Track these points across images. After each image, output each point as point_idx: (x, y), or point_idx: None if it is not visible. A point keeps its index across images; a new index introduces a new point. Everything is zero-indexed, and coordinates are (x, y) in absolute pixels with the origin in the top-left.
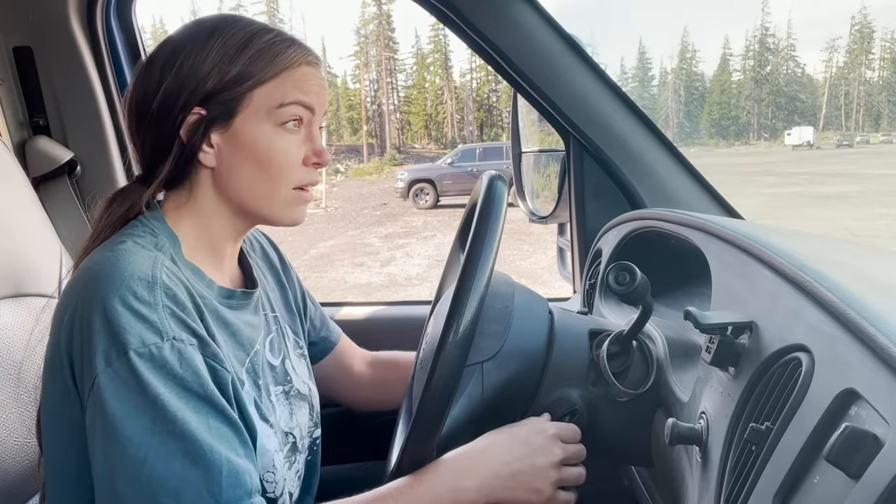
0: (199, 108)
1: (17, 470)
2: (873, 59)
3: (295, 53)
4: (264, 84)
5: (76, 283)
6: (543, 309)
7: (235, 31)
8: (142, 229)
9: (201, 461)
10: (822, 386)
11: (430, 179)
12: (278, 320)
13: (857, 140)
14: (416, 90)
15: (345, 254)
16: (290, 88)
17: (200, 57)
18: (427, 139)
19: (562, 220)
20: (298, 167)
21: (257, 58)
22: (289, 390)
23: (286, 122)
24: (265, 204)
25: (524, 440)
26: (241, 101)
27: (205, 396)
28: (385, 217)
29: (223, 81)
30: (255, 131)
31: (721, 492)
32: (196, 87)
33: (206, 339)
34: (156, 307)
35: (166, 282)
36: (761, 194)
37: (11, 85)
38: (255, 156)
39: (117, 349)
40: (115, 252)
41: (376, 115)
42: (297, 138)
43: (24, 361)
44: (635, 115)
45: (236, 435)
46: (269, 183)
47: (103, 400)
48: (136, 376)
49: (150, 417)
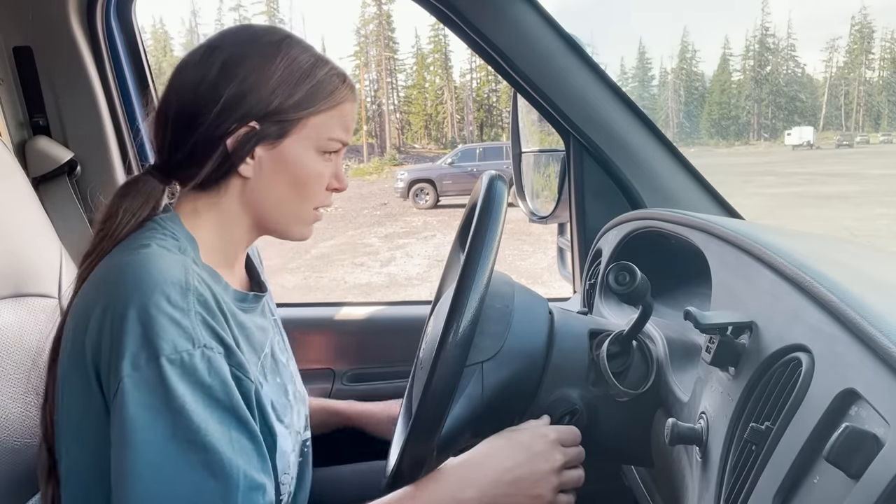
0: (255, 123)
1: (17, 470)
2: (873, 59)
3: (345, 90)
4: (319, 114)
5: (103, 283)
6: (543, 309)
7: (300, 55)
8: (161, 232)
9: (220, 474)
10: (822, 386)
11: (430, 179)
12: (277, 323)
13: (857, 140)
14: (416, 90)
15: (345, 254)
16: (337, 123)
17: (266, 74)
18: (427, 139)
19: (562, 220)
20: (322, 191)
21: (319, 87)
22: (294, 391)
23: (326, 152)
24: (289, 220)
25: (525, 446)
26: (295, 125)
27: (230, 407)
28: (385, 217)
29: (285, 104)
30: (302, 155)
31: (721, 492)
32: (257, 103)
33: (233, 348)
34: (188, 313)
35: (198, 287)
36: (761, 194)
37: (11, 85)
38: (295, 177)
39: (148, 354)
40: (143, 255)
41: (376, 115)
42: (329, 165)
43: (25, 362)
44: (635, 115)
45: (256, 449)
46: (299, 203)
47: (126, 404)
48: (164, 383)
49: (172, 425)
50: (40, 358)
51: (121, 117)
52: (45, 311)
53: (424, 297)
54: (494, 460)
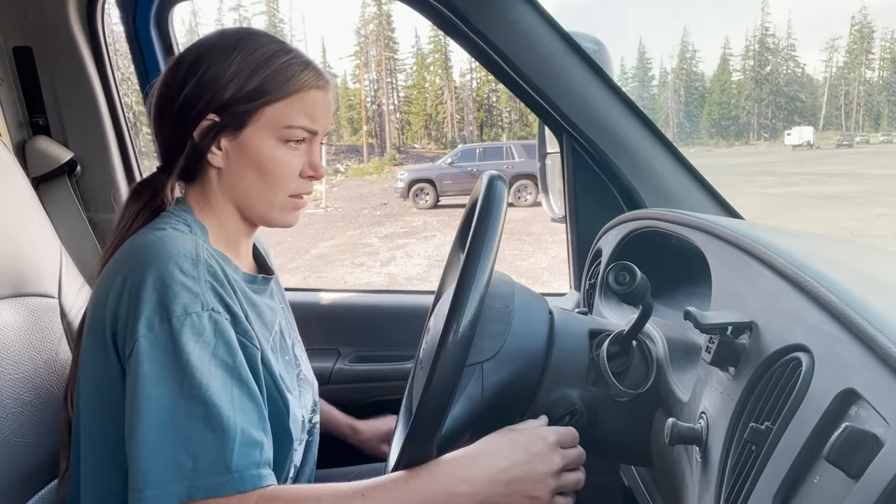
0: (214, 115)
1: (17, 469)
2: (873, 59)
3: (308, 77)
4: (276, 102)
5: (123, 261)
6: (543, 309)
7: (258, 48)
8: (175, 219)
9: (218, 428)
10: (822, 386)
11: (430, 179)
12: (285, 311)
13: (857, 140)
14: (416, 90)
15: (345, 254)
16: (298, 111)
17: (222, 68)
18: (427, 139)
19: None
20: (295, 178)
21: (273, 77)
22: (298, 374)
23: (290, 141)
24: (263, 207)
25: (523, 447)
26: (252, 115)
27: (233, 367)
28: (385, 217)
29: (239, 94)
30: (261, 144)
31: (721, 492)
32: (214, 95)
33: (239, 316)
34: (199, 280)
35: (207, 259)
36: (761, 194)
37: (11, 85)
38: (258, 165)
39: (161, 316)
40: (159, 235)
41: (376, 115)
42: (297, 153)
43: (25, 361)
44: (635, 116)
45: (256, 409)
46: (268, 190)
47: (140, 362)
48: (174, 340)
49: (180, 380)
50: (40, 358)
51: (121, 117)
52: (45, 311)
53: None
54: (492, 458)
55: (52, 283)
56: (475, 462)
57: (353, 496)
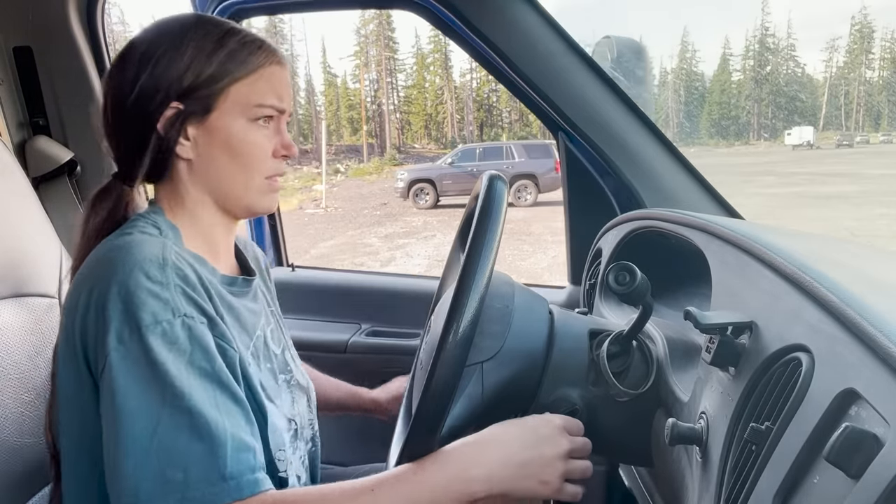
0: (177, 103)
1: (17, 469)
2: (873, 59)
3: (265, 53)
4: (239, 81)
5: (88, 272)
6: (543, 309)
7: (210, 29)
8: (144, 222)
9: (206, 436)
10: (822, 386)
11: (430, 179)
12: (276, 314)
13: (857, 140)
14: (416, 90)
15: (345, 254)
16: (264, 89)
17: (177, 53)
18: (427, 139)
19: None
20: (268, 158)
21: (232, 56)
22: (289, 379)
23: (258, 119)
24: (240, 192)
25: (532, 430)
26: (218, 97)
27: (213, 373)
28: (385, 217)
29: (201, 78)
30: (231, 125)
31: (721, 492)
32: (173, 83)
33: (216, 319)
34: (167, 286)
35: (176, 262)
36: (761, 194)
37: (11, 85)
38: (231, 148)
39: (130, 327)
40: (124, 241)
41: (376, 115)
42: (267, 132)
43: (24, 361)
44: (635, 115)
45: (242, 413)
46: (243, 173)
47: (113, 377)
48: (146, 352)
49: (160, 392)
50: (40, 358)
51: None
52: (45, 311)
53: None
54: (502, 442)
55: (52, 283)
56: (486, 446)
57: (362, 492)
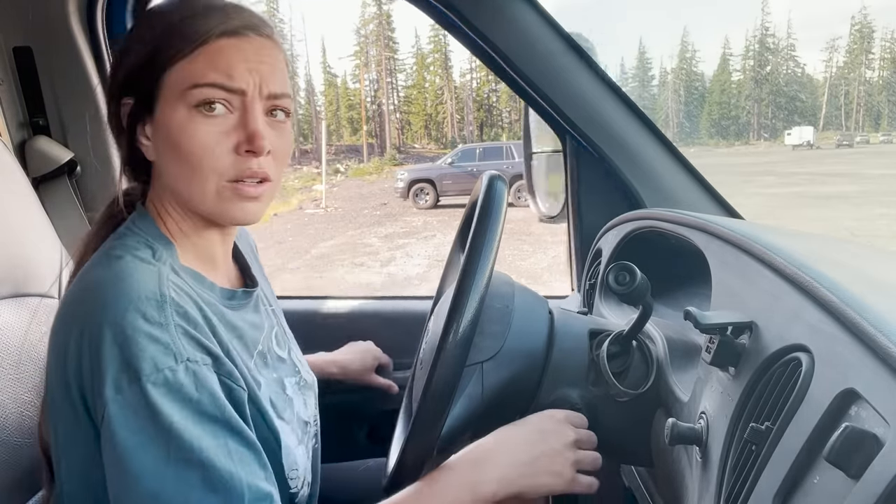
0: (127, 98)
1: (17, 469)
2: (873, 59)
3: (208, 24)
4: (175, 63)
5: (78, 305)
6: (543, 309)
7: (156, 13)
8: (135, 239)
9: (221, 489)
10: (822, 386)
11: (430, 179)
12: (276, 313)
13: (857, 140)
14: (416, 90)
15: (345, 254)
16: (204, 66)
17: (127, 45)
18: (427, 139)
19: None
20: (226, 156)
21: (171, 33)
22: (299, 381)
23: (200, 105)
24: (196, 199)
25: (536, 427)
26: (156, 85)
27: (222, 419)
28: (385, 217)
29: (139, 64)
30: (171, 116)
31: (721, 492)
32: (120, 73)
33: (221, 357)
34: (167, 327)
35: (175, 299)
36: (761, 194)
37: (11, 85)
38: (172, 143)
39: (129, 376)
40: (115, 270)
41: (376, 115)
42: (220, 123)
43: (25, 361)
44: (635, 116)
45: (256, 458)
46: (193, 175)
47: (114, 431)
48: (148, 404)
49: (164, 447)
50: (40, 358)
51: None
52: (45, 311)
53: None
54: (507, 444)
55: (52, 283)
56: (492, 449)
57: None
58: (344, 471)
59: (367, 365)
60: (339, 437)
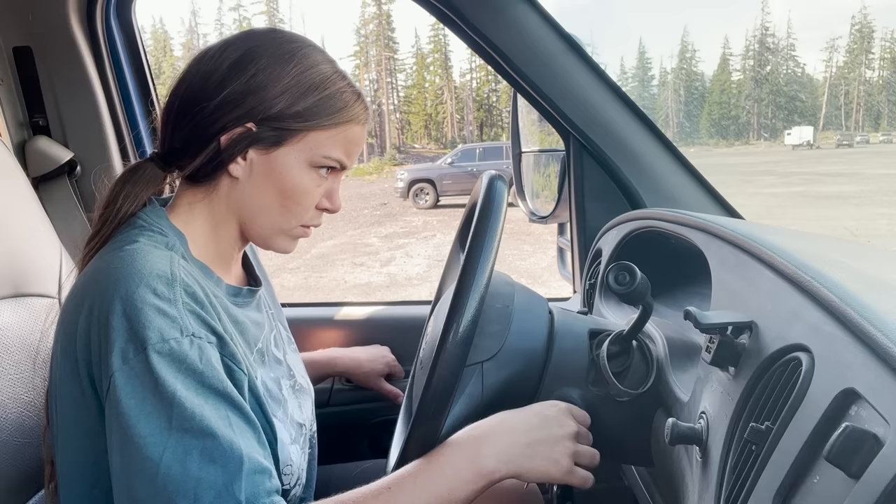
0: (252, 125)
1: (18, 469)
2: (873, 59)
3: (357, 110)
4: (321, 130)
5: (90, 284)
6: (543, 309)
7: (314, 65)
8: (150, 229)
9: (220, 458)
10: (822, 386)
11: (430, 179)
12: (275, 317)
13: (857, 140)
14: (416, 90)
15: (345, 254)
16: (339, 144)
17: (275, 77)
18: (427, 139)
19: (562, 220)
20: (312, 208)
21: (327, 102)
22: (294, 384)
23: (320, 168)
24: (271, 231)
25: (537, 412)
26: (293, 136)
27: (224, 393)
28: (385, 217)
29: (287, 112)
30: (293, 166)
31: (721, 492)
32: (259, 104)
33: (225, 339)
34: (175, 303)
35: (185, 279)
36: (761, 194)
37: (11, 85)
38: (283, 186)
39: (135, 346)
40: (128, 252)
41: (376, 115)
42: (321, 183)
43: (25, 361)
44: (635, 115)
45: (255, 435)
46: (283, 214)
47: (119, 399)
48: (152, 373)
49: (166, 415)
50: (40, 358)
51: (121, 117)
52: (45, 311)
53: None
54: (509, 424)
55: (52, 283)
56: (492, 427)
57: (380, 491)
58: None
59: (377, 369)
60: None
